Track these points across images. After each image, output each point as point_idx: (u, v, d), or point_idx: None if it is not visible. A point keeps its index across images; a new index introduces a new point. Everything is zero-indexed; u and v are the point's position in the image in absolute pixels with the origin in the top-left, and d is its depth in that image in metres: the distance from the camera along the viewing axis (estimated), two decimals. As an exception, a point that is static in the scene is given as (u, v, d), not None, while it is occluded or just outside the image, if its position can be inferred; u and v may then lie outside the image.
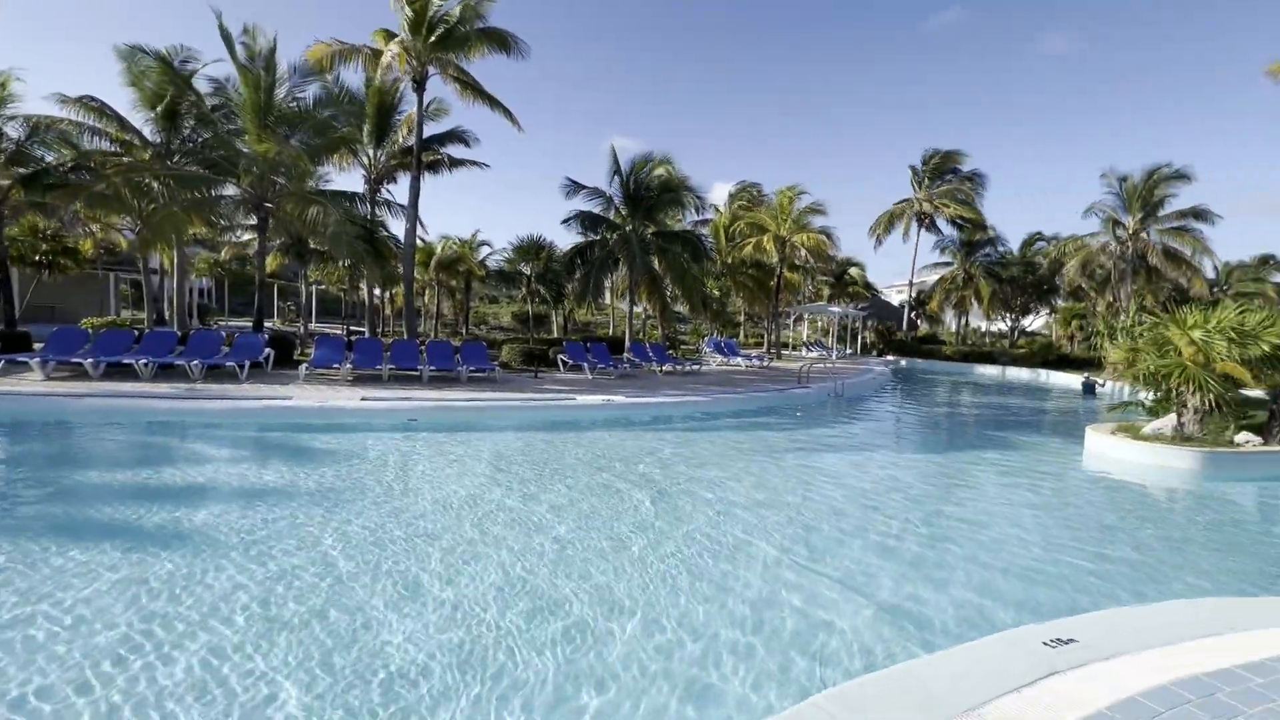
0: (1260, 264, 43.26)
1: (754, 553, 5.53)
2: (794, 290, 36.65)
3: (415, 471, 7.86)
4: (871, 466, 9.51)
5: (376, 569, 4.79)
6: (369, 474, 7.45)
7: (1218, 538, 6.94)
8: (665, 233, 20.70)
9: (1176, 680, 3.18)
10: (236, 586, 4.39)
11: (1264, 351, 10.17)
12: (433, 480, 7.40)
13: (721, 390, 15.02)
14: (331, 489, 6.73)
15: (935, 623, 4.40)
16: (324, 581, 4.53)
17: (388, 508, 6.26)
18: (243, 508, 6.03)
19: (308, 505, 6.17)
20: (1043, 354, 33.33)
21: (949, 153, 36.74)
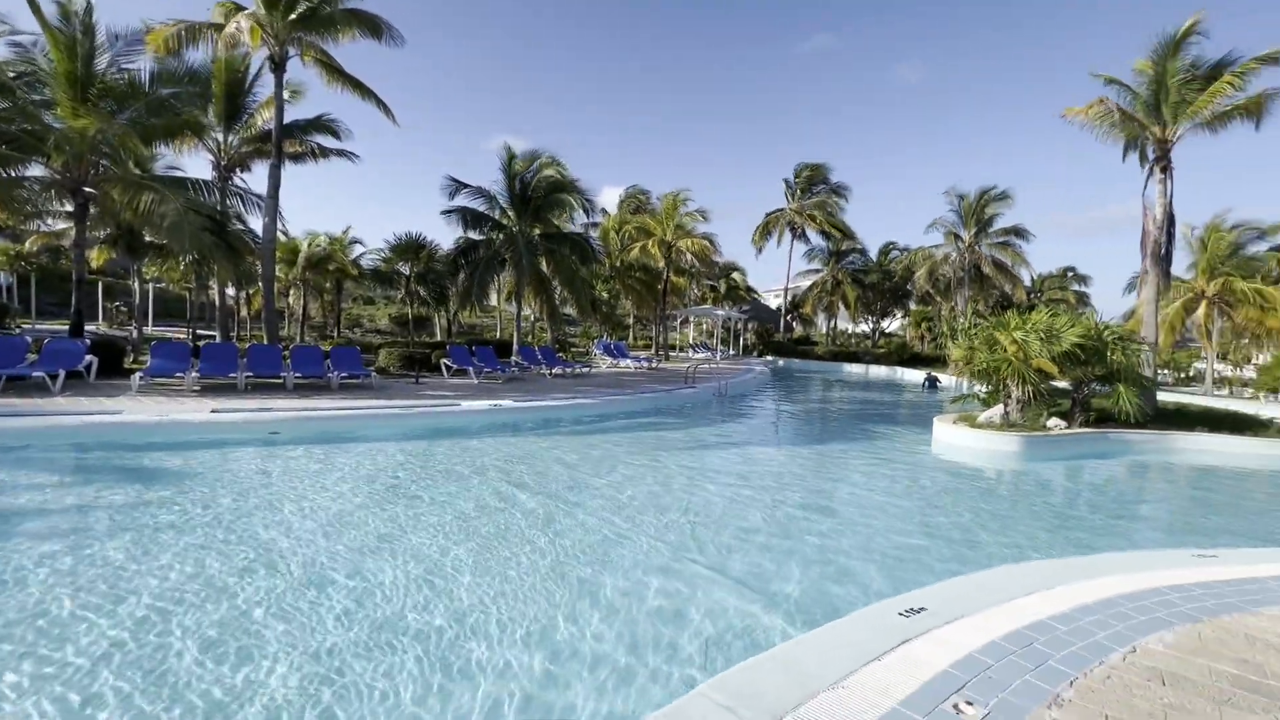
0: (1063, 275, 51.07)
1: (646, 550, 5.60)
2: (680, 294, 37.83)
3: (275, 489, 7.13)
4: (753, 460, 10.02)
5: (211, 600, 4.27)
6: (216, 495, 6.64)
7: (1034, 508, 8.07)
8: (554, 234, 20.48)
9: (1004, 635, 3.64)
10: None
11: (1066, 349, 11.98)
12: (296, 498, 6.75)
13: (611, 392, 15.11)
14: (170, 514, 5.92)
15: (811, 602, 4.70)
16: (146, 633, 3.96)
17: (235, 530, 5.62)
18: (45, 546, 5.13)
19: (139, 533, 5.38)
20: (899, 353, 37.07)
21: (817, 166, 39.74)
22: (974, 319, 14.17)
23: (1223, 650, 3.58)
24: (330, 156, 19.59)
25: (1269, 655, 3.54)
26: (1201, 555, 5.21)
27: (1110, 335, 12.92)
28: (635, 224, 29.75)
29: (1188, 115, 14.04)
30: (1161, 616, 3.98)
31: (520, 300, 20.46)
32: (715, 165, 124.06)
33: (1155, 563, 4.98)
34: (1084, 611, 3.99)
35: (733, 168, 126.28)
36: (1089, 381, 12.98)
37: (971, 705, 2.90)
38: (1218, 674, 3.32)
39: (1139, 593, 4.34)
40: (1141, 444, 12.34)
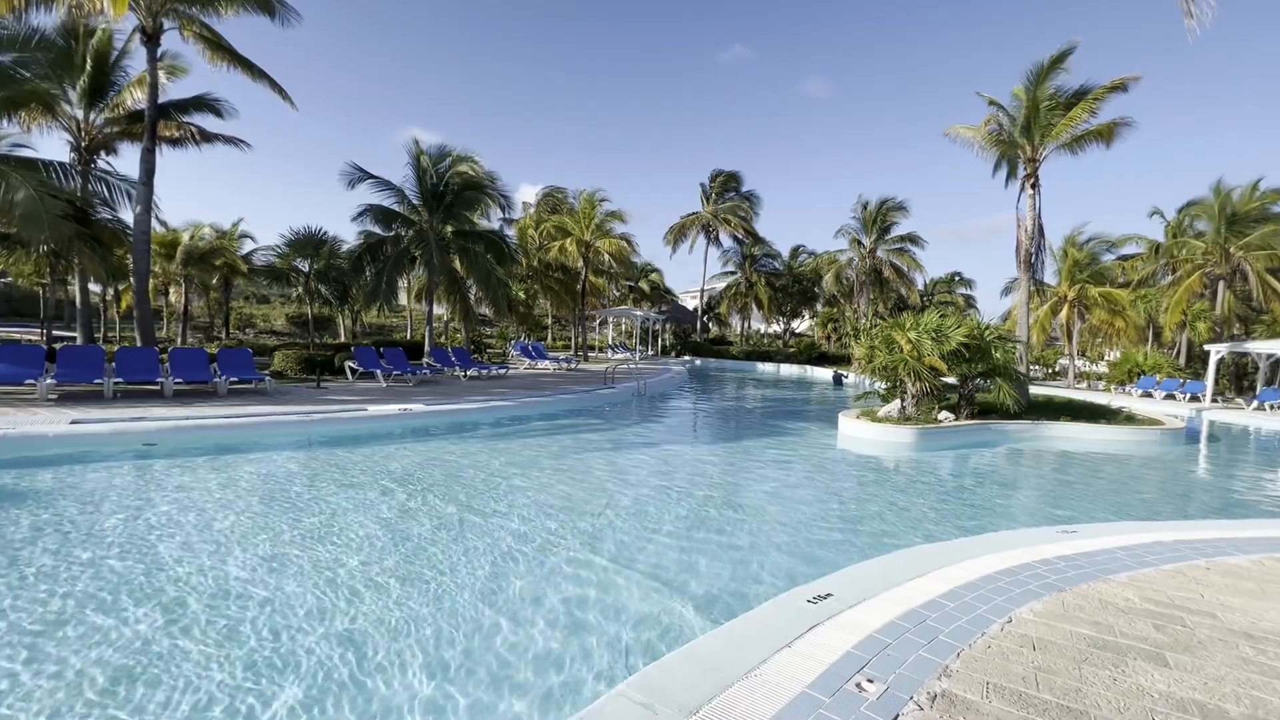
0: (950, 279, 55.56)
1: (564, 552, 5.54)
2: (600, 294, 37.82)
3: (148, 508, 6.43)
4: (672, 458, 10.16)
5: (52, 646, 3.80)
6: (75, 517, 5.90)
7: (928, 494, 8.71)
8: (468, 232, 19.82)
9: (901, 614, 3.90)
10: None
11: (954, 348, 13.04)
12: (173, 518, 6.12)
13: (529, 394, 14.85)
14: (15, 543, 5.19)
15: (728, 593, 4.82)
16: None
17: (102, 560, 5.02)
18: None
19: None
20: (808, 352, 38.94)
21: (731, 173, 41.04)
22: (875, 320, 15.11)
23: (1081, 615, 4.01)
24: (215, 142, 17.93)
25: (1117, 617, 4.01)
26: (1065, 531, 5.83)
27: (991, 335, 14.21)
28: (553, 223, 29.40)
29: (1052, 137, 15.70)
30: (1032, 588, 4.40)
31: (431, 300, 19.66)
32: (634, 169, 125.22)
33: (1028, 540, 5.50)
34: (969, 588, 4.34)
35: (651, 171, 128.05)
36: (973, 377, 14.20)
37: (872, 683, 3.08)
38: (1077, 636, 3.71)
39: (1014, 568, 4.77)
40: (1017, 433, 13.65)
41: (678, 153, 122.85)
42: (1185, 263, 28.84)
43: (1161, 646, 3.64)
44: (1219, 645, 3.69)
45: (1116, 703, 3.00)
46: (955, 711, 2.84)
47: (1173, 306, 28.10)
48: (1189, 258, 28.68)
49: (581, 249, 28.58)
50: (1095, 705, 2.96)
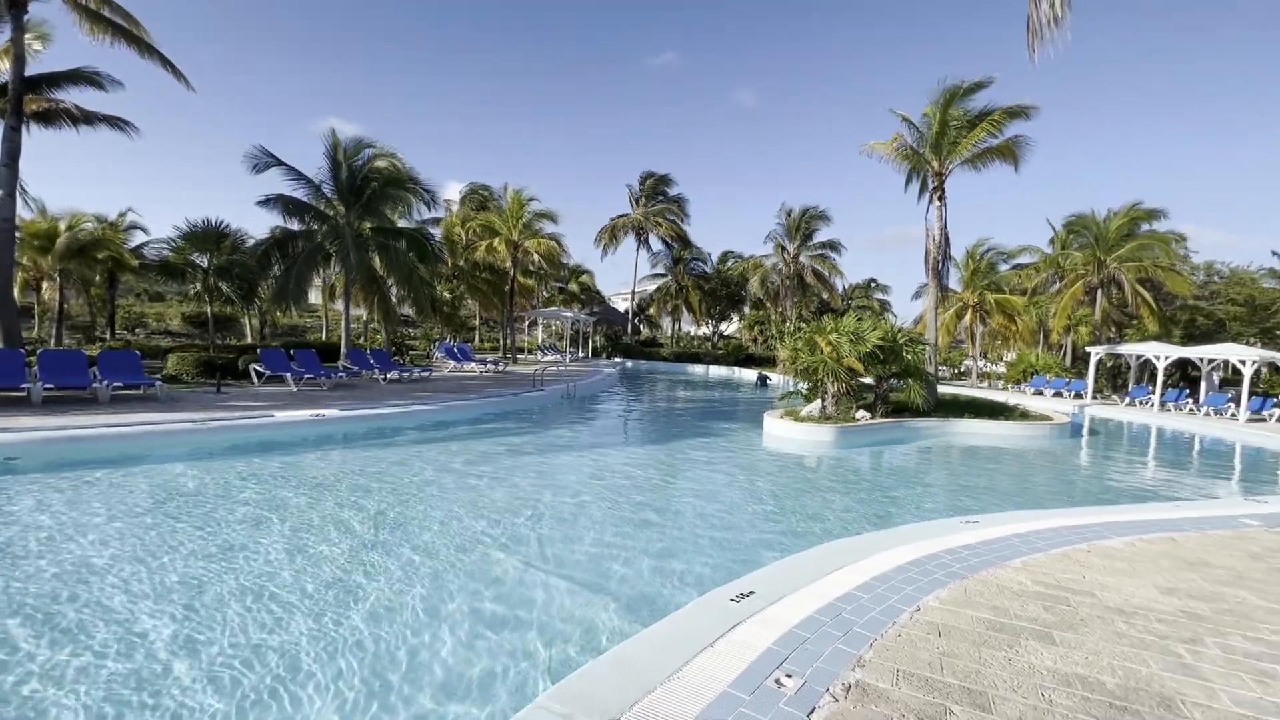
0: (867, 285, 58.61)
1: (490, 561, 5.34)
2: (529, 295, 37.18)
3: (6, 533, 5.69)
4: (600, 460, 10.08)
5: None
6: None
7: (846, 490, 9.08)
8: (388, 229, 18.91)
9: (819, 608, 4.00)
10: None
11: (870, 349, 13.69)
12: (37, 544, 5.44)
13: (453, 397, 14.34)
14: None
15: (655, 595, 4.80)
16: None
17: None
18: None
19: None
20: (735, 354, 39.92)
21: (661, 176, 41.46)
22: (798, 323, 15.64)
23: (981, 600, 4.27)
24: (97, 124, 16.22)
25: (1012, 600, 4.29)
26: (968, 522, 6.20)
27: (903, 338, 15.05)
28: (480, 222, 28.60)
29: (957, 154, 16.83)
30: (939, 577, 4.64)
31: (349, 299, 18.63)
32: (565, 171, 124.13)
33: (935, 531, 5.81)
34: (882, 580, 4.52)
35: (582, 174, 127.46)
36: (888, 378, 14.97)
37: (790, 678, 3.13)
38: (977, 620, 3.94)
39: (923, 559, 5.02)
40: (927, 429, 14.50)
41: (608, 156, 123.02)
42: (1070, 273, 31.71)
43: (1050, 626, 3.91)
44: (1097, 622, 4.02)
45: (1011, 681, 3.19)
46: (868, 700, 2.93)
47: (1059, 312, 30.84)
48: (1073, 269, 31.56)
49: (510, 249, 27.98)
50: (992, 685, 3.13)
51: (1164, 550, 5.66)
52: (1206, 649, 3.72)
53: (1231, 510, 7.26)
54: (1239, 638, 3.91)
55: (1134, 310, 29.38)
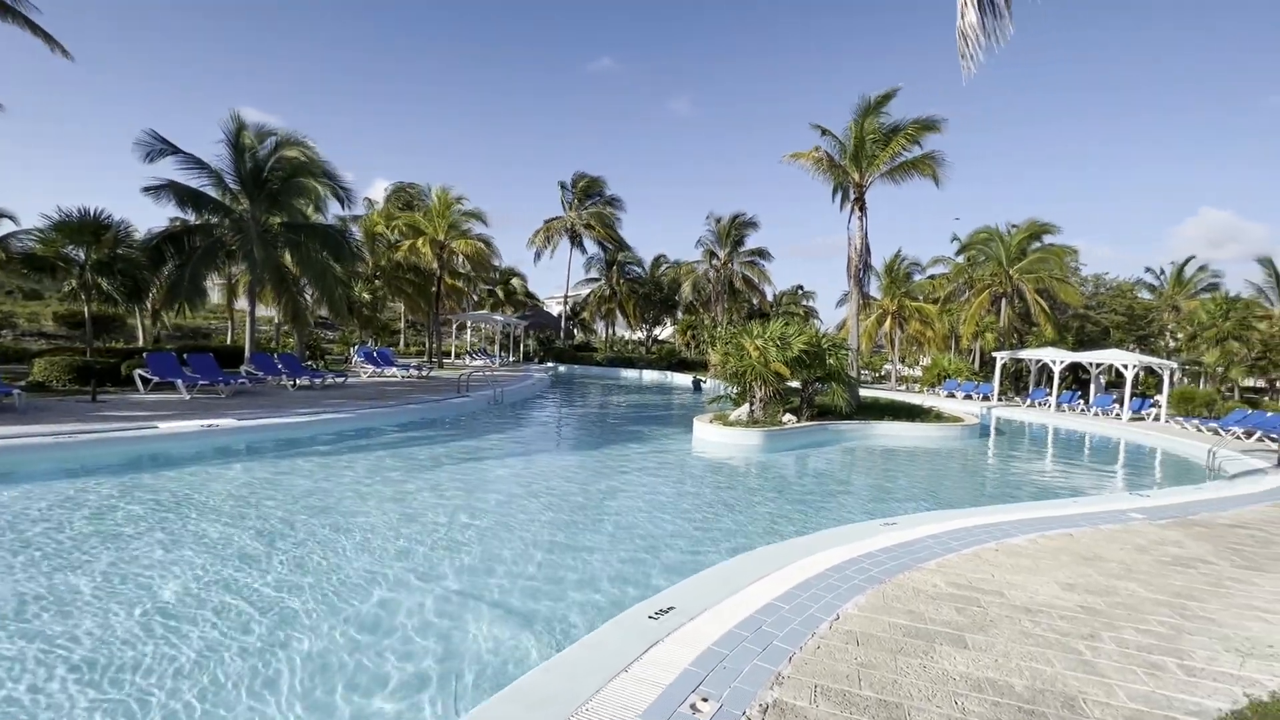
0: (795, 292, 60.60)
1: (395, 583, 4.91)
2: (458, 297, 35.97)
3: None
4: (524, 470, 9.69)
5: None
6: None
7: (773, 493, 9.12)
8: (299, 224, 17.64)
9: (739, 622, 3.86)
10: None
11: (796, 354, 13.96)
12: None
13: (369, 405, 13.50)
14: None
15: (576, 613, 4.53)
16: None
17: None
18: None
19: None
20: (668, 358, 40.12)
21: (594, 178, 41.18)
22: (730, 328, 15.77)
23: (898, 605, 4.27)
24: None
25: (927, 604, 4.32)
26: (887, 524, 6.30)
27: (827, 343, 15.47)
28: (404, 221, 27.31)
29: (876, 167, 17.53)
30: (858, 583, 4.63)
31: (254, 299, 17.22)
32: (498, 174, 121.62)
33: (856, 535, 5.85)
34: (802, 588, 4.45)
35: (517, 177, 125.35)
36: (813, 381, 15.33)
37: (707, 701, 2.95)
38: (895, 627, 3.92)
39: (843, 564, 5.01)
40: (850, 432, 14.95)
41: (545, 161, 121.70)
42: (977, 283, 33.87)
43: (962, 629, 3.95)
44: (1006, 622, 4.09)
45: (926, 690, 3.15)
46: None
47: (968, 320, 32.85)
48: (980, 279, 33.73)
49: (435, 249, 26.87)
50: (909, 696, 3.08)
51: (1063, 546, 5.93)
52: (1103, 644, 3.85)
53: (1119, 505, 7.77)
54: (1131, 630, 4.08)
55: (1033, 318, 31.71)
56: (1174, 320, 33.37)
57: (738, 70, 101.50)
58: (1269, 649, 3.94)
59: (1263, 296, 33.66)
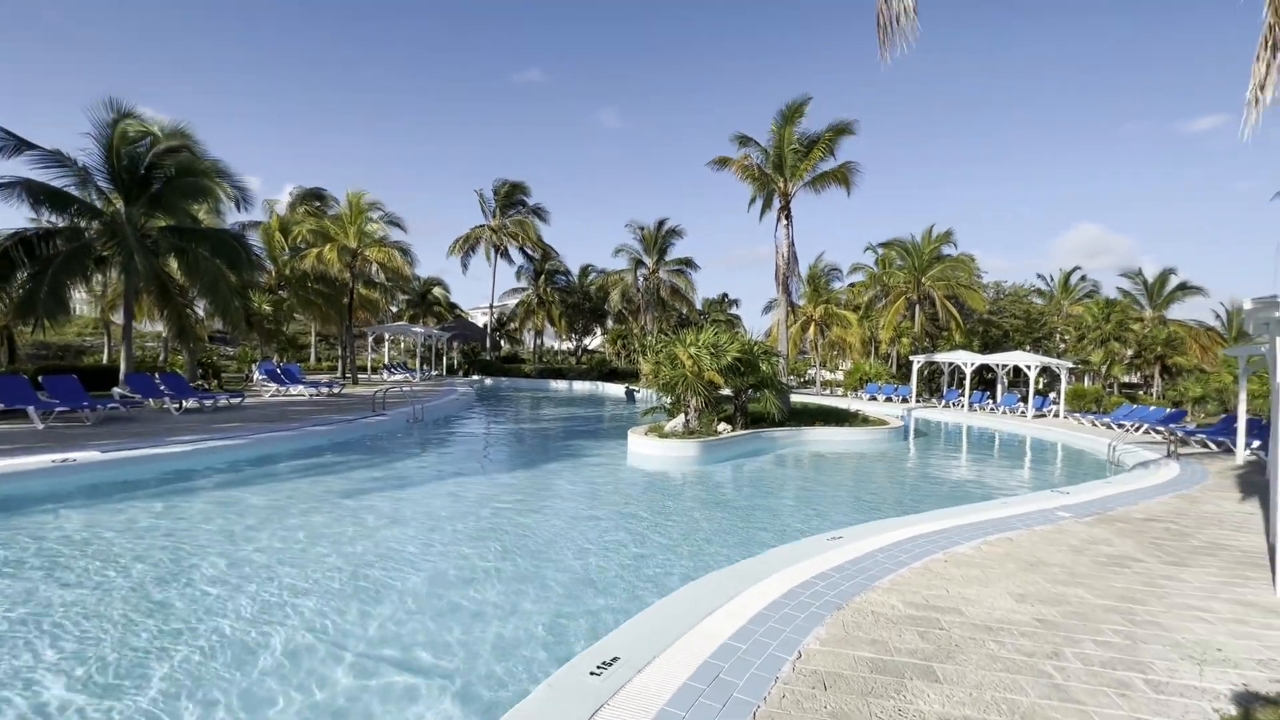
0: (722, 300, 61.71)
1: (287, 643, 4.09)
2: (374, 309, 33.85)
3: None
4: (442, 494, 8.85)
5: None
6: None
7: (713, 508, 8.77)
8: (186, 229, 15.79)
9: (693, 671, 3.38)
10: None
11: (729, 362, 13.80)
12: None
13: (270, 428, 12.12)
14: None
15: (503, 670, 3.90)
16: None
17: None
18: None
19: None
20: (599, 368, 39.58)
21: (516, 184, 40.13)
22: (661, 337, 15.42)
23: (860, 635, 3.94)
24: None
25: (889, 630, 4.02)
26: (833, 538, 6.05)
27: (759, 350, 15.45)
28: (311, 227, 25.31)
29: (799, 176, 17.85)
30: (816, 610, 4.28)
31: (129, 313, 15.21)
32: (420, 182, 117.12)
33: (804, 553, 5.54)
34: (758, 621, 4.04)
35: (440, 186, 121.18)
36: (746, 389, 15.26)
37: (664, 786, 2.45)
38: (860, 662, 3.57)
39: (797, 588, 4.66)
40: (784, 439, 14.96)
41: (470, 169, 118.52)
42: (893, 290, 35.54)
43: (929, 657, 3.65)
44: (971, 645, 3.84)
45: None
46: (759, 812, 2.33)
47: (886, 325, 34.37)
48: (895, 285, 35.42)
49: (345, 257, 25.04)
50: (891, 755, 2.71)
51: (1006, 552, 5.88)
52: (1069, 662, 3.67)
53: (1046, 504, 7.95)
54: (1090, 644, 3.94)
55: (944, 323, 33.58)
56: (1063, 323, 36.30)
57: (665, 82, 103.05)
58: (1218, 653, 3.90)
59: (1134, 302, 37.27)
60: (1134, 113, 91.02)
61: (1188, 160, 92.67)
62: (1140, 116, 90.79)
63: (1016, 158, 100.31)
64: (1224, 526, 7.29)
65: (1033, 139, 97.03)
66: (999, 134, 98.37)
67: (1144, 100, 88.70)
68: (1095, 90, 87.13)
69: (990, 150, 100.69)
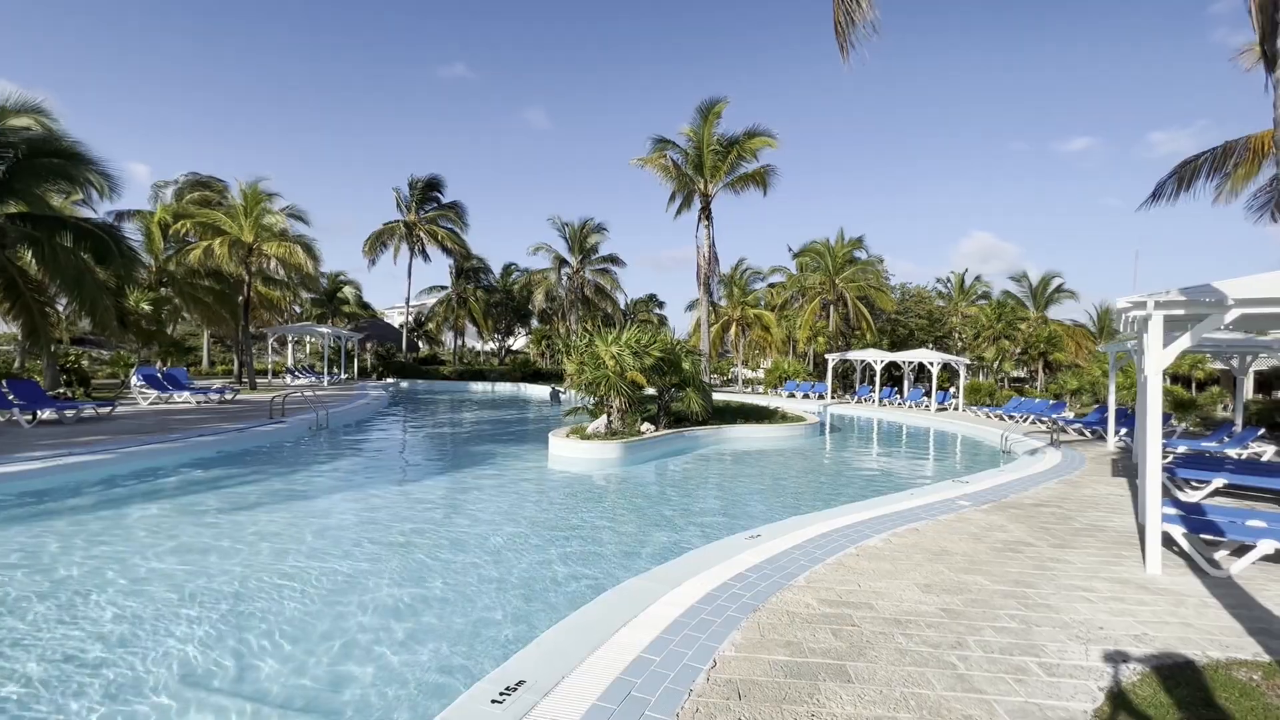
0: (648, 300, 62.10)
1: (131, 700, 3.52)
2: (276, 309, 31.46)
3: None
4: (339, 510, 8.15)
5: None
6: None
7: (634, 511, 8.62)
8: (39, 216, 13.89)
9: (603, 691, 3.18)
10: None
11: (653, 362, 13.73)
12: None
13: (145, 440, 10.83)
14: None
15: (399, 702, 3.53)
16: None
17: None
18: None
19: None
20: (523, 369, 38.72)
21: (431, 180, 38.52)
22: (585, 336, 15.12)
23: (775, 637, 3.87)
24: None
25: (804, 630, 3.99)
26: (751, 537, 6.04)
27: (682, 349, 15.51)
28: (199, 219, 23.00)
29: (719, 177, 18.10)
30: (732, 614, 4.19)
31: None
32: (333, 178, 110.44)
33: (721, 554, 5.48)
34: (674, 630, 3.90)
35: (363, 182, 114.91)
36: (669, 389, 15.26)
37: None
38: (775, 666, 3.50)
39: (714, 591, 4.56)
40: (706, 437, 15.07)
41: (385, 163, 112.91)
42: (809, 291, 36.94)
43: (842, 656, 3.64)
44: (881, 641, 3.87)
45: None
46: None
47: (803, 325, 35.67)
48: (811, 287, 36.84)
49: (238, 252, 22.96)
50: (804, 766, 2.61)
51: (913, 543, 6.07)
52: (971, 651, 3.76)
53: (948, 494, 8.36)
54: (990, 631, 4.07)
55: (856, 323, 35.26)
56: (960, 323, 39.07)
57: (592, 82, 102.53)
58: (1100, 630, 4.13)
59: (1020, 303, 40.64)
60: (1019, 133, 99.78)
61: (1064, 176, 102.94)
62: (1024, 136, 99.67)
63: (921, 168, 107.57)
64: (1101, 509, 7.92)
65: (935, 152, 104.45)
66: (907, 147, 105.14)
67: (1027, 122, 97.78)
68: (987, 111, 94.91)
69: (899, 161, 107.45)
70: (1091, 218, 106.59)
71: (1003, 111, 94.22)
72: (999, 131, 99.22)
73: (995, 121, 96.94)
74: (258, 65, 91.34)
